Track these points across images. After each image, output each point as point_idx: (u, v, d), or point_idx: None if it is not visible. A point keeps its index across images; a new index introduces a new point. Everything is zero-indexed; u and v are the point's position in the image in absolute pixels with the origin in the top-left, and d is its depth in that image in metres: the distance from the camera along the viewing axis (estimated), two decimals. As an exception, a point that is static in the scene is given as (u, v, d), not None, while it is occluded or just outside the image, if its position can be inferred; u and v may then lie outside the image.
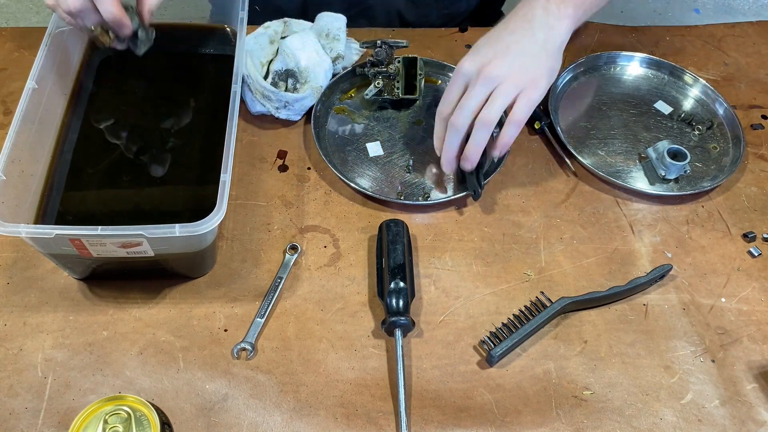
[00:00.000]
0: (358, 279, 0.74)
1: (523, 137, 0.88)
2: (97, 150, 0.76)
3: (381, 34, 0.98)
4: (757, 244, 0.79)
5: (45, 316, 0.69)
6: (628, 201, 0.82)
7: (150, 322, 0.69)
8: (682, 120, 0.91)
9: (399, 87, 0.87)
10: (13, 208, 0.66)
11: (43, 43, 0.74)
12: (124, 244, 0.62)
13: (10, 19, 2.12)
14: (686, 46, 1.01)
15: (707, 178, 0.84)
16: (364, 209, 0.80)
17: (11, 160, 0.66)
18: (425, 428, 0.64)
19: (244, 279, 0.73)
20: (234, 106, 0.70)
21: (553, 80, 0.77)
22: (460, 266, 0.75)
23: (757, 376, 0.68)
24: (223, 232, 0.76)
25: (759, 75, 0.98)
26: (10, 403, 0.63)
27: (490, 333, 0.69)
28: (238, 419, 0.64)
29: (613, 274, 0.75)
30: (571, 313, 0.72)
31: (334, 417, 0.64)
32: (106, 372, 0.66)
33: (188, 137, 0.78)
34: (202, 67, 0.85)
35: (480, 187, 0.78)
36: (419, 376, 0.67)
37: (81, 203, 0.72)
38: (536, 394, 0.66)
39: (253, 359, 0.67)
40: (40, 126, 0.73)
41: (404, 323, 0.67)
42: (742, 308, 0.73)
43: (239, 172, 0.82)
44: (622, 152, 0.87)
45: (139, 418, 0.55)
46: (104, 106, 0.80)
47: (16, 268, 0.72)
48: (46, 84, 0.73)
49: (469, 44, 0.98)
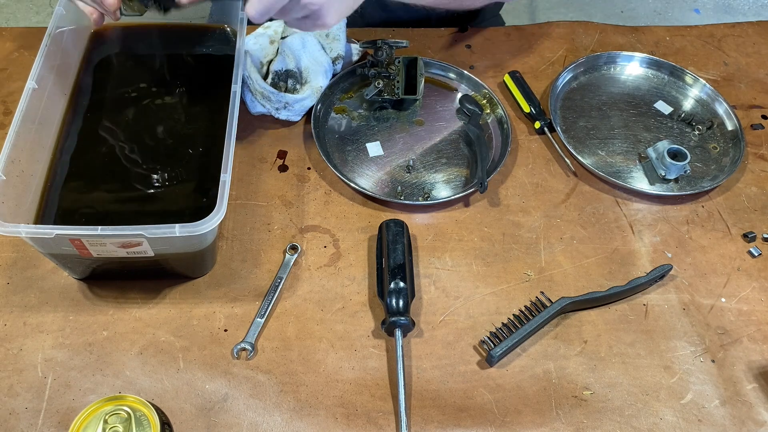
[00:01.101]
0: (358, 279, 0.74)
1: (523, 137, 0.88)
2: (97, 150, 0.76)
3: (381, 34, 0.98)
4: (757, 244, 0.79)
5: (45, 316, 0.69)
6: (628, 201, 0.82)
7: (150, 322, 0.69)
8: (682, 120, 0.91)
9: (399, 87, 0.87)
10: (13, 208, 0.66)
11: (43, 43, 0.74)
12: (124, 244, 0.62)
13: (10, 19, 2.12)
14: (686, 46, 1.01)
15: (707, 178, 0.84)
16: (364, 209, 0.80)
17: (11, 160, 0.66)
18: (425, 428, 0.64)
19: (244, 279, 0.73)
20: (234, 106, 0.70)
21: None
22: (460, 266, 0.75)
23: (757, 376, 0.68)
24: (223, 232, 0.76)
25: (759, 75, 0.98)
26: (10, 403, 0.63)
27: (490, 333, 0.69)
28: (238, 419, 0.64)
29: (613, 274, 0.75)
30: (571, 313, 0.72)
31: (334, 417, 0.64)
32: (106, 372, 0.66)
33: (188, 137, 0.78)
34: (202, 67, 0.85)
35: (485, 180, 0.78)
36: (419, 376, 0.67)
37: (81, 203, 0.72)
38: (536, 394, 0.66)
39: (253, 359, 0.67)
40: (40, 126, 0.73)
41: (404, 323, 0.67)
42: (742, 308, 0.73)
43: (239, 172, 0.82)
44: (622, 152, 0.87)
45: (139, 418, 0.55)
46: (104, 106, 0.80)
47: (16, 268, 0.72)
48: (46, 84, 0.73)
49: (469, 44, 0.99)
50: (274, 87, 0.85)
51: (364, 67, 0.88)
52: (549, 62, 0.97)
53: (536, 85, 0.93)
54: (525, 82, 0.92)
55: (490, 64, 0.96)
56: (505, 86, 0.93)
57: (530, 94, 0.90)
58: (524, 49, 0.99)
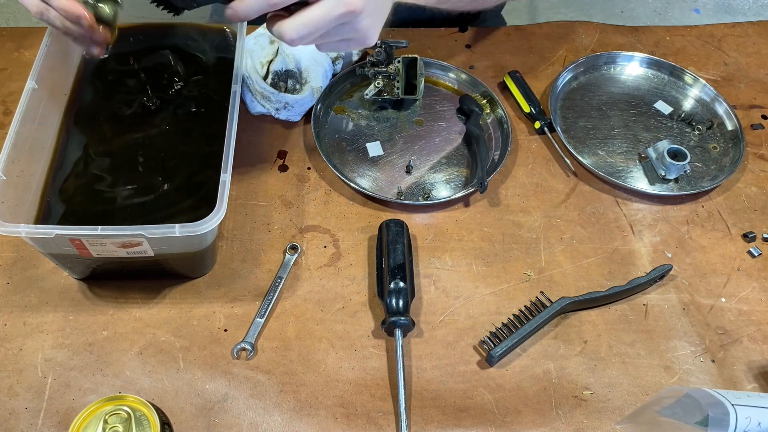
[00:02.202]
0: (358, 279, 0.74)
1: (523, 137, 0.88)
2: (97, 150, 0.76)
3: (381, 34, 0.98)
4: (757, 244, 0.79)
5: (45, 316, 0.69)
6: (628, 201, 0.82)
7: (150, 322, 0.69)
8: (682, 120, 0.91)
9: (399, 87, 0.87)
10: (13, 208, 0.66)
11: (43, 43, 0.74)
12: (124, 244, 0.62)
13: (10, 19, 2.13)
14: (686, 46, 1.01)
15: (707, 178, 0.84)
16: (364, 209, 0.80)
17: (11, 160, 0.66)
18: (425, 428, 0.64)
19: (244, 279, 0.73)
20: (234, 106, 0.70)
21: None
22: (460, 266, 0.75)
23: (757, 376, 0.68)
24: (223, 232, 0.76)
25: (759, 75, 0.98)
26: (10, 403, 0.63)
27: (490, 333, 0.69)
28: (238, 419, 0.64)
29: (613, 274, 0.75)
30: (571, 313, 0.72)
31: (334, 417, 0.64)
32: (106, 372, 0.66)
33: (188, 137, 0.78)
34: (202, 67, 0.85)
35: (485, 180, 0.78)
36: (419, 376, 0.67)
37: (81, 203, 0.72)
38: (536, 394, 0.66)
39: (253, 359, 0.67)
40: (40, 126, 0.73)
41: (404, 323, 0.67)
42: (742, 308, 0.73)
43: (239, 172, 0.82)
44: (622, 152, 0.87)
45: (139, 418, 0.55)
46: (104, 106, 0.80)
47: (16, 268, 0.72)
48: (46, 84, 0.73)
49: (469, 44, 0.99)
50: (274, 87, 0.85)
51: (364, 67, 0.88)
52: (549, 62, 0.97)
53: (536, 85, 0.93)
54: (525, 82, 0.92)
55: (490, 64, 0.96)
56: (505, 86, 0.93)
57: (530, 94, 0.90)
58: (524, 49, 0.99)
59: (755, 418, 0.46)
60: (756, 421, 0.46)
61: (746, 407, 0.47)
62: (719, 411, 0.47)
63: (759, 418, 0.46)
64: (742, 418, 0.46)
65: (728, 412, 0.46)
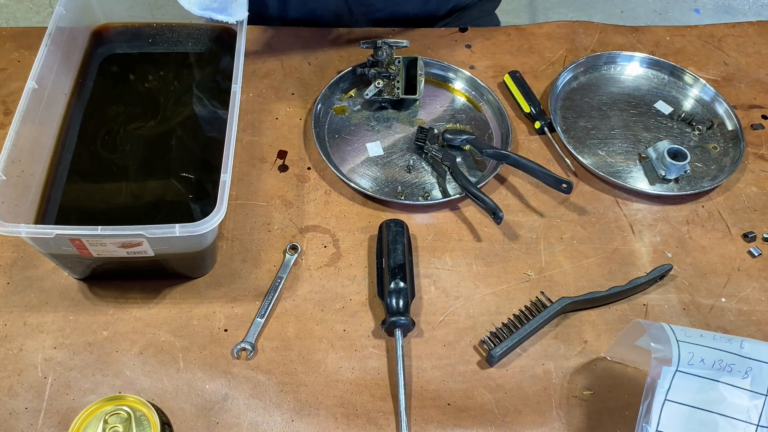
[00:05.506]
0: (358, 279, 0.74)
1: (523, 137, 0.88)
2: (97, 150, 0.76)
3: (381, 34, 0.98)
4: (757, 244, 0.79)
5: (45, 316, 0.69)
6: (628, 201, 0.82)
7: (150, 322, 0.69)
8: (682, 120, 0.91)
9: (399, 87, 0.87)
10: (13, 208, 0.66)
11: (43, 43, 0.74)
12: (124, 244, 0.62)
13: (10, 19, 2.13)
14: (686, 46, 1.01)
15: (707, 178, 0.84)
16: (364, 209, 0.80)
17: (11, 160, 0.66)
18: (425, 428, 0.64)
19: (244, 279, 0.73)
20: (234, 106, 0.70)
21: None
22: (460, 266, 0.75)
23: (757, 376, 0.68)
24: (223, 232, 0.76)
25: (759, 75, 0.98)
26: (10, 403, 0.63)
27: (490, 333, 0.69)
28: (238, 419, 0.64)
29: (613, 274, 0.75)
30: (571, 313, 0.72)
31: (334, 417, 0.64)
32: (106, 372, 0.66)
33: (188, 137, 0.78)
34: (202, 67, 0.85)
35: (500, 212, 0.76)
36: (419, 376, 0.67)
37: (81, 203, 0.72)
38: (536, 394, 0.66)
39: (253, 359, 0.67)
40: (40, 126, 0.73)
41: (404, 323, 0.67)
42: (742, 308, 0.73)
43: (239, 172, 0.82)
44: (622, 152, 0.87)
45: (139, 418, 0.55)
46: (104, 106, 0.80)
47: (16, 268, 0.72)
48: (46, 84, 0.73)
49: (469, 44, 0.99)
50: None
51: (364, 67, 0.88)
52: (549, 62, 0.97)
53: (536, 85, 0.93)
54: (525, 82, 0.92)
55: (490, 64, 0.96)
56: (505, 86, 0.93)
57: (530, 94, 0.90)
58: (524, 49, 0.99)
59: (698, 355, 0.56)
60: (699, 357, 0.56)
61: (690, 344, 0.57)
62: (664, 343, 0.57)
63: (702, 354, 0.56)
64: (685, 353, 0.56)
65: (671, 346, 0.57)
